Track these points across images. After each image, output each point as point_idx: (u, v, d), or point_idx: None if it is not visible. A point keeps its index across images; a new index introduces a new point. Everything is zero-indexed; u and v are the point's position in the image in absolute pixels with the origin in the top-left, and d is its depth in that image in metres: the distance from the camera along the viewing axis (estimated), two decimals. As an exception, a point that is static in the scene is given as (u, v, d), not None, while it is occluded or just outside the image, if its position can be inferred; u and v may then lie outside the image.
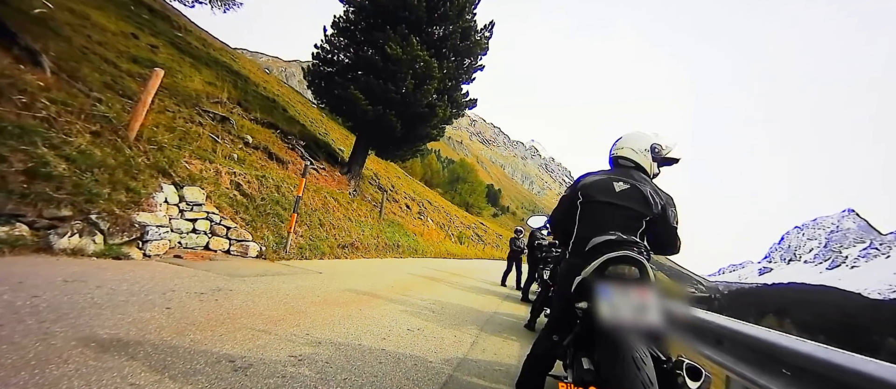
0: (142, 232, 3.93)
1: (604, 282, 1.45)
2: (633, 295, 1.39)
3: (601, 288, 1.43)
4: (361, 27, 11.25)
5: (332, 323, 3.03)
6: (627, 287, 1.42)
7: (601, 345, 1.39)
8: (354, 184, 12.31)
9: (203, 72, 10.15)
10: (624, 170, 1.91)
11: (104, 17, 8.75)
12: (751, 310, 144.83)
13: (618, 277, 1.46)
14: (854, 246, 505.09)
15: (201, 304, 2.75)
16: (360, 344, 2.65)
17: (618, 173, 1.88)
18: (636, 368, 1.23)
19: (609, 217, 1.73)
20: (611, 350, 1.32)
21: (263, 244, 5.62)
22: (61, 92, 4.42)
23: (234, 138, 7.73)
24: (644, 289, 1.41)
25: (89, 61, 6.10)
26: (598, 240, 1.60)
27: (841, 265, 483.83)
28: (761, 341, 1.53)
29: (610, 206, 1.76)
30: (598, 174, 1.93)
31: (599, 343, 1.40)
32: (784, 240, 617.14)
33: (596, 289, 1.44)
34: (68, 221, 3.45)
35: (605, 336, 1.37)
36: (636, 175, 1.86)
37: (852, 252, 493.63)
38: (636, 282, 1.44)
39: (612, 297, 1.40)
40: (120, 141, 4.36)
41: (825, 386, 1.17)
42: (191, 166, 5.31)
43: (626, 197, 1.75)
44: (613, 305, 1.37)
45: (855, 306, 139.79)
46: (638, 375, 1.22)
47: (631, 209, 1.73)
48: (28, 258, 2.97)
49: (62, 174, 3.54)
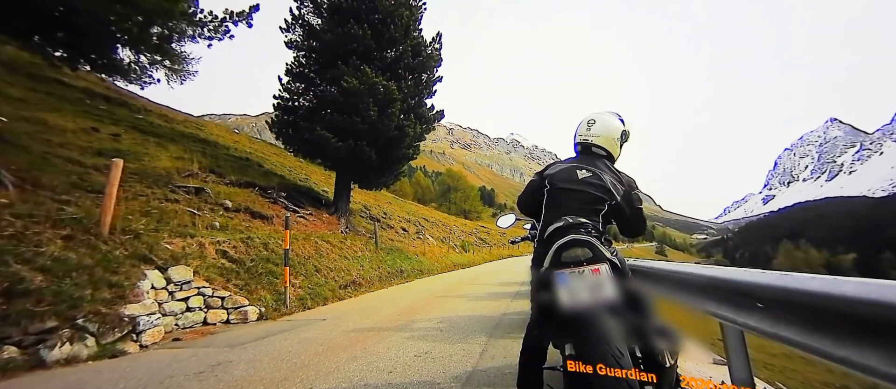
0: (133, 325, 3.87)
1: (559, 269, 1.49)
2: (588, 275, 1.44)
3: (557, 275, 1.48)
4: (314, 69, 11.36)
5: (336, 369, 3.00)
6: (581, 268, 1.47)
7: (572, 329, 1.41)
8: (345, 222, 12.27)
9: (170, 148, 10.12)
10: (589, 157, 1.98)
11: (61, 118, 8.72)
12: (765, 241, 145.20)
13: (572, 262, 1.50)
14: (846, 151, 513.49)
15: (200, 384, 2.71)
16: (365, 384, 2.63)
17: (583, 161, 1.94)
18: (606, 343, 1.26)
19: (568, 202, 1.80)
20: (581, 332, 1.35)
21: (262, 305, 5.55)
22: (27, 204, 4.38)
23: (213, 206, 7.69)
24: (596, 267, 1.45)
25: (52, 165, 6.07)
26: (551, 228, 1.64)
27: (839, 174, 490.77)
28: (729, 280, 1.56)
29: (569, 192, 1.82)
30: (565, 162, 2.00)
31: (570, 327, 1.42)
32: (778, 165, 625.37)
33: (553, 278, 1.48)
34: (56, 332, 3.39)
35: (574, 319, 1.39)
36: (600, 163, 1.92)
37: (846, 158, 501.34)
38: (588, 262, 1.48)
39: (568, 282, 1.44)
40: (93, 238, 4.31)
41: (790, 311, 1.20)
42: (172, 246, 5.25)
43: (587, 183, 1.82)
44: (570, 290, 1.42)
45: (864, 208, 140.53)
46: (607, 349, 1.24)
47: (589, 193, 1.79)
48: (22, 379, 2.90)
49: (40, 286, 3.49)
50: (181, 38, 7.62)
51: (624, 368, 1.21)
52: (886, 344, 0.87)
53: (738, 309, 1.54)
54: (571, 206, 1.76)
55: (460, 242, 25.85)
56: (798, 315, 1.19)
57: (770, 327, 1.31)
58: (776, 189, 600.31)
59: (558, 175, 1.90)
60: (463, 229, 33.74)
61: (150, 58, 7.55)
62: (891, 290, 0.85)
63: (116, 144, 8.62)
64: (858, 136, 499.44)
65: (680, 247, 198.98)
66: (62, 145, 7.10)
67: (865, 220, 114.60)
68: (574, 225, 1.62)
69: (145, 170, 7.63)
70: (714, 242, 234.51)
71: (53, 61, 7.23)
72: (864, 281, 0.93)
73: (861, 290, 0.91)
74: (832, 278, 1.03)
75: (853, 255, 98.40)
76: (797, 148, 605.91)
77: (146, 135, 10.49)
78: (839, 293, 0.99)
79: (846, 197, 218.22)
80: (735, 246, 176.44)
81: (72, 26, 6.19)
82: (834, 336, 1.03)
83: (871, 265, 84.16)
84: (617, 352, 1.24)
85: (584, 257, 1.50)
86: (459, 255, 20.98)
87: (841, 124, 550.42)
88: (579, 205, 1.76)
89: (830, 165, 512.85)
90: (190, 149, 10.62)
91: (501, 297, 7.19)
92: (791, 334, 1.20)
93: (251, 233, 7.12)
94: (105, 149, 7.79)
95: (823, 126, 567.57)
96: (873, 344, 0.91)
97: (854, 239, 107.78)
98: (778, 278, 1.27)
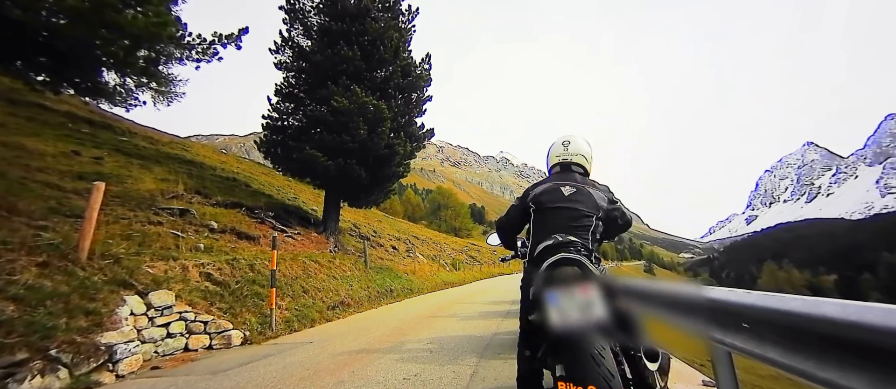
0: (110, 354, 3.72)
1: (549, 289, 1.46)
2: (578, 294, 1.41)
3: (547, 295, 1.45)
4: (304, 89, 11.40)
5: (323, 394, 2.91)
6: (571, 288, 1.44)
7: (562, 349, 1.39)
8: (334, 241, 12.12)
9: (155, 169, 9.96)
10: (569, 174, 2.05)
11: (41, 142, 8.55)
12: (750, 261, 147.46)
13: (561, 281, 1.47)
14: (823, 174, 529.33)
15: (179, 415, 2.59)
16: (352, 410, 2.55)
17: (563, 178, 2.00)
18: (596, 364, 1.24)
19: (556, 220, 1.81)
20: (571, 352, 1.33)
21: (247, 328, 5.40)
22: (0, 231, 4.24)
23: (198, 228, 7.54)
24: (586, 287, 1.43)
25: (29, 190, 5.90)
26: (541, 247, 1.64)
27: (817, 196, 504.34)
28: (716, 300, 1.56)
29: (557, 211, 1.85)
30: (547, 182, 2.04)
31: (560, 347, 1.40)
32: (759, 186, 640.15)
33: (543, 298, 1.45)
34: (26, 364, 3.24)
35: (565, 339, 1.37)
36: (579, 178, 2.00)
37: (823, 181, 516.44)
38: (578, 281, 1.46)
39: (558, 302, 1.41)
40: (71, 264, 4.17)
41: (775, 332, 1.20)
42: (154, 269, 5.11)
43: (574, 199, 1.85)
44: (560, 309, 1.39)
45: (842, 230, 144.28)
46: (598, 370, 1.22)
47: (578, 209, 1.82)
48: (-14, 416, 2.75)
49: (11, 316, 3.34)
50: (169, 60, 7.59)
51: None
52: (868, 367, 0.87)
53: (725, 330, 1.54)
54: (560, 224, 1.78)
55: (451, 260, 25.66)
56: (782, 335, 1.18)
57: (756, 348, 1.31)
58: (758, 209, 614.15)
59: (544, 195, 1.92)
60: (453, 247, 33.54)
61: (137, 80, 7.49)
62: (871, 312, 0.85)
63: (98, 167, 8.45)
64: (834, 160, 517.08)
65: (667, 266, 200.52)
66: (41, 170, 6.93)
67: (844, 242, 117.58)
68: (564, 244, 1.62)
69: (128, 192, 7.48)
70: (700, 261, 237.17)
71: (35, 86, 7.12)
72: (845, 302, 0.93)
73: (841, 311, 0.91)
74: (814, 299, 1.03)
75: (834, 277, 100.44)
76: (777, 169, 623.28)
77: (130, 158, 10.33)
78: (820, 314, 0.99)
79: (826, 219, 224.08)
80: (721, 265, 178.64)
81: (55, 51, 6.13)
82: (817, 357, 1.02)
83: (852, 286, 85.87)
84: (608, 374, 1.23)
85: (574, 276, 1.48)
86: (450, 273, 20.79)
87: (817, 148, 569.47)
88: (567, 223, 1.78)
89: (809, 187, 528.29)
90: (175, 170, 10.47)
91: (492, 316, 7.12)
92: (776, 355, 1.19)
93: (237, 255, 6.98)
94: (86, 172, 7.62)
95: (801, 149, 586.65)
96: (855, 366, 0.91)
97: (834, 260, 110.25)
98: (762, 298, 1.28)
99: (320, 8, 11.74)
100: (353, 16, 11.29)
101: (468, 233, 62.59)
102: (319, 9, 11.75)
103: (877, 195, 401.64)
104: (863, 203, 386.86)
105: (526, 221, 1.97)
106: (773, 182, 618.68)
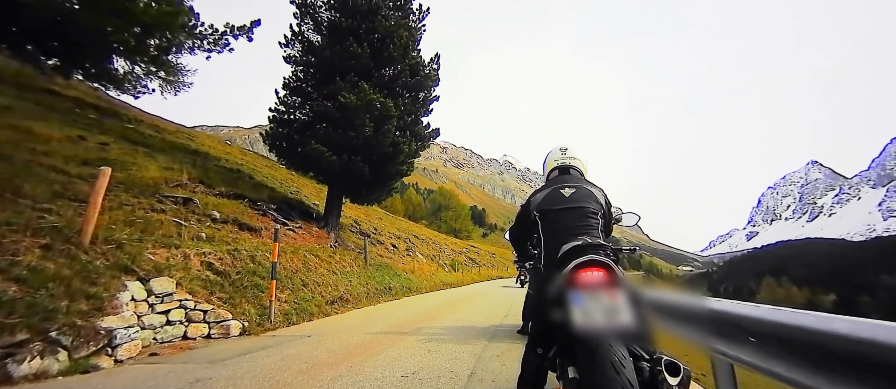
0: (109, 338, 3.73)
1: (574, 290, 1.43)
2: (604, 298, 1.37)
3: (572, 295, 1.41)
4: (312, 84, 11.42)
5: (320, 388, 2.90)
6: (597, 291, 1.40)
7: (581, 353, 1.37)
8: (334, 236, 12.13)
9: (159, 158, 9.98)
10: (567, 176, 2.08)
11: (47, 127, 8.56)
12: (749, 276, 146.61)
13: (587, 283, 1.45)
14: (826, 194, 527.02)
15: (177, 402, 2.60)
16: (349, 406, 2.54)
17: (561, 180, 2.02)
18: (615, 372, 1.22)
19: (568, 221, 1.82)
20: (589, 357, 1.31)
21: (245, 319, 5.41)
22: (5, 213, 4.25)
23: (201, 217, 7.55)
24: (613, 291, 1.39)
25: (35, 174, 5.92)
26: (567, 247, 1.61)
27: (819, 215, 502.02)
28: (721, 313, 1.55)
29: (566, 211, 1.85)
30: (544, 189, 2.05)
31: (579, 350, 1.38)
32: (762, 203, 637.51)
33: (567, 298, 1.42)
34: (26, 345, 3.25)
35: (584, 343, 1.35)
36: (577, 177, 2.05)
37: (826, 200, 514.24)
38: (605, 285, 1.42)
39: (584, 304, 1.38)
40: (74, 248, 4.19)
41: (782, 346, 1.19)
42: (155, 257, 5.12)
43: (577, 198, 1.87)
44: (585, 311, 1.35)
45: (843, 251, 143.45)
46: (617, 379, 1.20)
47: (586, 207, 1.83)
48: (-15, 395, 2.76)
49: (13, 297, 3.35)
50: (179, 49, 7.62)
51: None
52: (879, 384, 0.87)
53: (730, 342, 1.53)
54: (572, 225, 1.79)
55: (450, 261, 25.65)
56: (790, 350, 1.18)
57: (762, 362, 1.30)
58: (759, 226, 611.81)
59: (545, 201, 1.93)
60: (453, 248, 33.54)
61: (146, 68, 7.53)
62: (883, 330, 0.85)
63: (104, 154, 8.47)
64: (837, 180, 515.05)
65: (666, 278, 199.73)
66: (47, 154, 6.95)
67: (845, 262, 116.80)
68: (591, 246, 1.59)
69: (132, 179, 7.49)
70: (700, 274, 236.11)
71: (45, 70, 7.16)
72: (857, 319, 0.93)
73: (854, 329, 0.91)
74: (826, 315, 1.03)
75: (833, 296, 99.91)
76: (780, 187, 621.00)
77: (136, 145, 10.34)
78: (832, 330, 0.98)
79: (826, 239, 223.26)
80: (719, 279, 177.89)
81: (67, 36, 6.16)
82: (826, 373, 1.02)
83: (850, 307, 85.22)
84: (628, 384, 1.19)
85: (600, 280, 1.45)
86: (449, 274, 20.77)
87: (821, 167, 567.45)
88: (575, 223, 1.79)
89: (811, 206, 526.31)
90: (180, 159, 10.49)
91: (491, 318, 7.11)
92: (783, 370, 1.19)
93: (238, 245, 6.99)
94: (91, 158, 7.65)
95: (805, 167, 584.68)
96: (865, 384, 0.90)
97: (833, 279, 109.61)
98: (772, 313, 1.27)
99: (331, 4, 11.77)
100: (364, 13, 11.32)
101: (468, 235, 62.62)
102: (330, 5, 11.79)
103: (879, 217, 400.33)
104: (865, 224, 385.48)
105: (532, 229, 1.97)
106: (776, 199, 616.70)
